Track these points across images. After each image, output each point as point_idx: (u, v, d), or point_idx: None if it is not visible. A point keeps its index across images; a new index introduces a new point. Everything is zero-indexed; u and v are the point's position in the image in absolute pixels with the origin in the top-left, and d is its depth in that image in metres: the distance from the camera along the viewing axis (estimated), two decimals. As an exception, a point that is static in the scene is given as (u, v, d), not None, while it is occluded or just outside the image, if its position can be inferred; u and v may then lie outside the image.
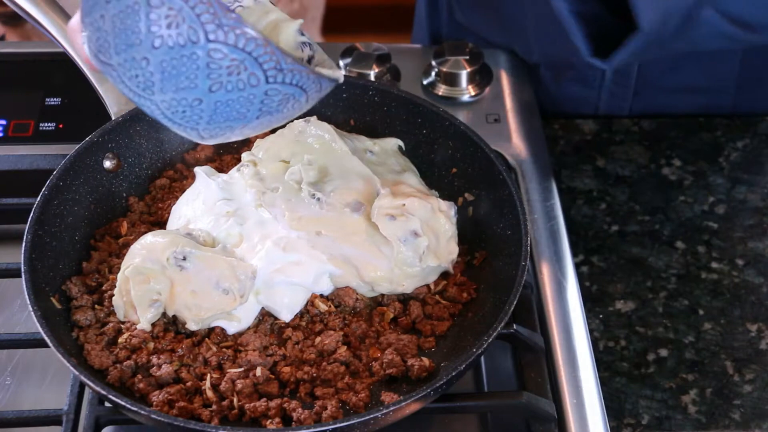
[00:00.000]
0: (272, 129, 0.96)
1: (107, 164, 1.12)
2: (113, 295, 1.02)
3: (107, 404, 0.96)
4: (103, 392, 0.91)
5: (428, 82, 1.35)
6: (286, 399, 0.96)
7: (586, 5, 1.22)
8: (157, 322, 1.01)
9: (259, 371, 0.97)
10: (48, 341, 0.94)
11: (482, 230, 1.10)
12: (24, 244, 1.00)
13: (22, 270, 0.99)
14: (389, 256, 1.04)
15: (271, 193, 1.06)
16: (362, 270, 1.04)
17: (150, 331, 1.00)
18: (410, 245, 1.04)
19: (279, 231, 1.04)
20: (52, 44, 1.08)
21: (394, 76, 1.33)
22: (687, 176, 1.31)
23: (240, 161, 1.11)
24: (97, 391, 0.92)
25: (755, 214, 1.26)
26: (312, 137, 1.11)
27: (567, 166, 1.32)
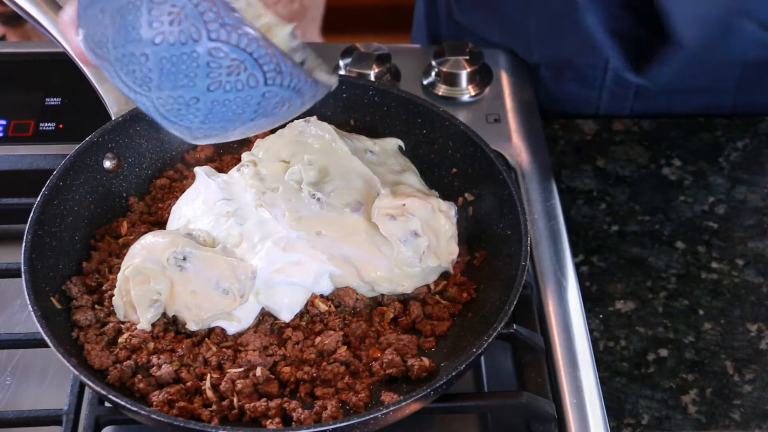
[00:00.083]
0: (270, 129, 0.96)
1: (107, 164, 1.12)
2: (113, 295, 1.02)
3: (107, 404, 0.96)
4: (103, 392, 0.91)
5: (428, 82, 1.35)
6: (286, 399, 0.96)
7: (619, 21, 1.22)
8: (157, 322, 1.01)
9: (259, 371, 0.97)
10: (48, 341, 0.94)
11: (482, 230, 1.10)
12: (24, 244, 1.00)
13: (22, 270, 0.98)
14: (389, 256, 1.04)
15: (271, 193, 1.06)
16: (362, 270, 1.04)
17: (150, 331, 1.00)
18: (410, 245, 1.04)
19: (279, 231, 1.03)
20: (52, 44, 1.08)
21: (394, 76, 1.33)
22: (687, 176, 1.31)
23: (240, 161, 1.11)
24: (97, 391, 0.92)
25: (755, 214, 1.26)
26: (312, 137, 1.11)
27: (567, 166, 1.32)
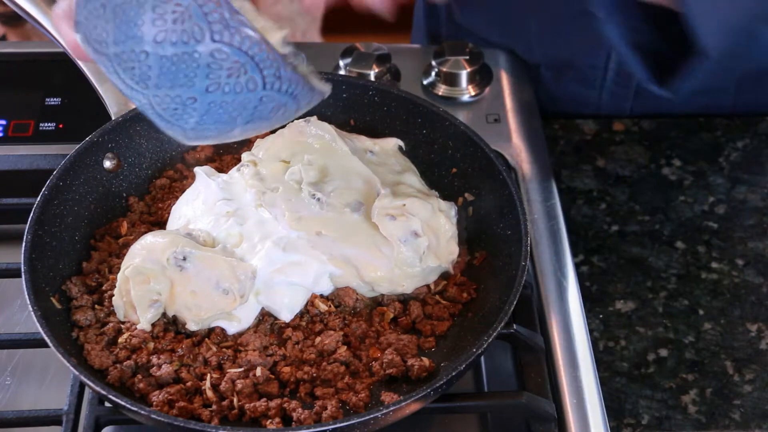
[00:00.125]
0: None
1: (107, 164, 1.12)
2: (113, 295, 1.02)
3: (107, 404, 0.96)
4: (103, 392, 0.91)
5: (428, 82, 1.35)
6: (286, 399, 0.96)
7: (640, 34, 1.21)
8: (157, 322, 1.01)
9: (259, 371, 0.97)
10: (48, 341, 0.94)
11: (482, 230, 1.10)
12: (24, 244, 1.00)
13: (22, 270, 0.98)
14: (389, 256, 1.04)
15: (271, 193, 1.06)
16: (362, 270, 1.04)
17: (150, 331, 1.00)
18: (410, 245, 1.04)
19: (279, 231, 1.03)
20: (52, 44, 1.08)
21: (394, 76, 1.33)
22: (687, 176, 1.31)
23: (240, 161, 1.11)
24: (97, 391, 0.92)
25: (755, 214, 1.26)
26: (312, 137, 1.10)
27: (567, 166, 1.32)
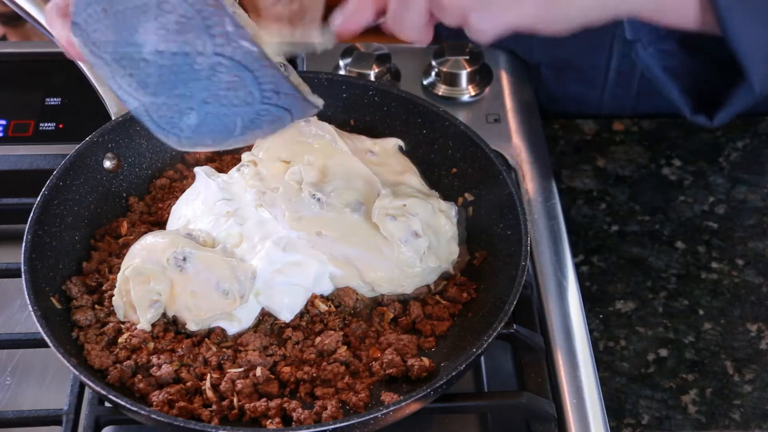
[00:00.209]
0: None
1: (107, 164, 1.12)
2: (113, 295, 1.02)
3: (107, 404, 0.96)
4: (103, 392, 0.91)
5: (428, 82, 1.35)
6: (286, 399, 0.96)
7: (675, 58, 1.20)
8: (157, 322, 1.01)
9: (259, 371, 0.97)
10: (48, 341, 0.94)
11: (482, 230, 1.10)
12: (24, 244, 1.00)
13: (22, 270, 0.98)
14: (390, 256, 1.04)
15: (271, 193, 1.06)
16: (363, 270, 1.04)
17: (150, 331, 1.00)
18: (411, 246, 1.04)
19: (279, 231, 1.03)
20: (52, 44, 1.08)
21: (394, 76, 1.33)
22: (687, 176, 1.31)
23: (240, 161, 1.11)
24: (97, 391, 0.92)
25: (755, 214, 1.26)
26: (312, 137, 1.10)
27: (567, 166, 1.32)
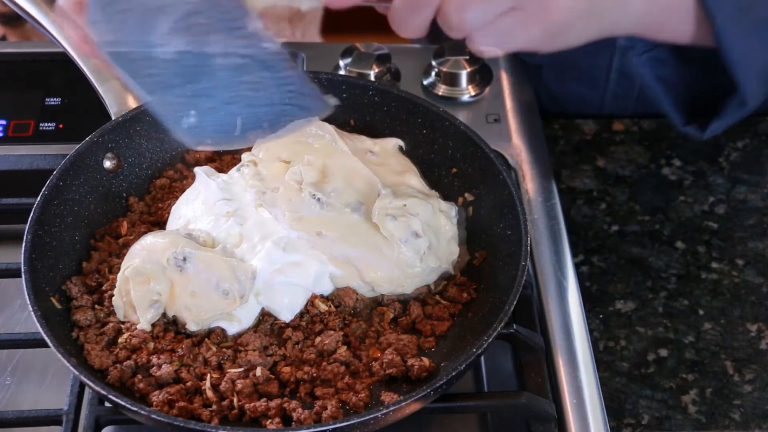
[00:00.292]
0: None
1: (107, 164, 1.12)
2: (113, 295, 1.02)
3: (107, 404, 0.96)
4: (103, 392, 0.91)
5: (428, 82, 1.35)
6: (286, 399, 0.96)
7: (668, 67, 1.20)
8: (157, 322, 1.01)
9: (259, 371, 0.97)
10: (48, 341, 0.94)
11: (482, 230, 1.10)
12: (24, 244, 1.00)
13: (22, 270, 0.98)
14: (390, 256, 1.04)
15: (272, 193, 1.06)
16: (363, 270, 1.04)
17: (150, 331, 1.00)
18: (411, 246, 1.04)
19: (279, 231, 1.03)
20: (52, 44, 1.09)
21: (394, 76, 1.33)
22: (687, 176, 1.31)
23: (240, 161, 1.11)
24: (97, 391, 0.92)
25: (755, 214, 1.26)
26: (312, 137, 1.10)
27: (567, 166, 1.32)
